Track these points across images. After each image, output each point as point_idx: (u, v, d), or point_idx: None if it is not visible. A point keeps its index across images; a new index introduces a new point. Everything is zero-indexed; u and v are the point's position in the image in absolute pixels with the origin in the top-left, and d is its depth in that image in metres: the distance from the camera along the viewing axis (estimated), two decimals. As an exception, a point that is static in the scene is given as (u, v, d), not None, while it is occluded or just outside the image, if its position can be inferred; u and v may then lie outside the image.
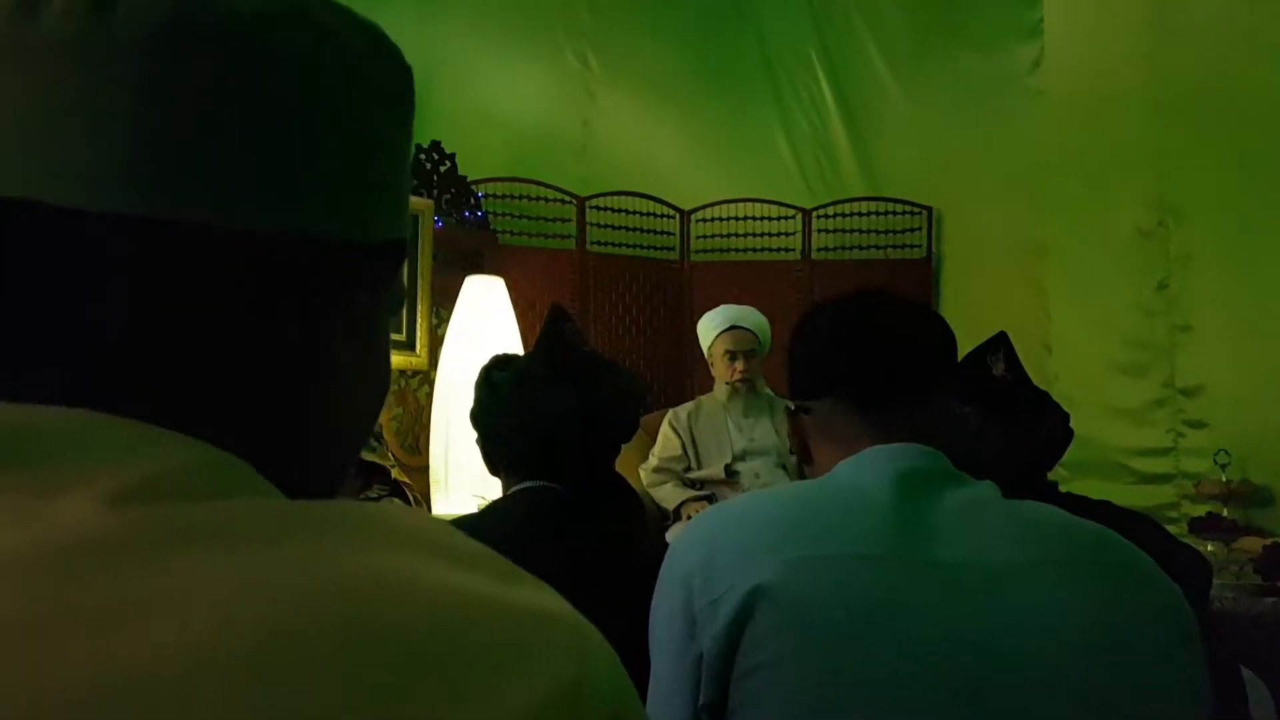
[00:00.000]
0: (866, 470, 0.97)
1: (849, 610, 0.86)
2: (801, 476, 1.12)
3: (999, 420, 1.54)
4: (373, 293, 0.46)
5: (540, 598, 0.36)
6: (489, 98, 4.18)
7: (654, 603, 0.97)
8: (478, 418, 1.49)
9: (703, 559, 0.93)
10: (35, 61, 0.38)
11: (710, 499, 3.22)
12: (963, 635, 0.86)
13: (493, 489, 1.57)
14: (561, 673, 0.33)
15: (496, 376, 1.48)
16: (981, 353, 1.61)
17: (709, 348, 3.36)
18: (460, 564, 0.35)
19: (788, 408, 1.11)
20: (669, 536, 2.93)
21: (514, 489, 1.45)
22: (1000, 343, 1.61)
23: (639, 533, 1.47)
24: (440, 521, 0.38)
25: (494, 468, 1.50)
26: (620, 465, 1.56)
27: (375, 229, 0.46)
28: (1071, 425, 1.64)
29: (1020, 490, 1.02)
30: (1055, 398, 1.68)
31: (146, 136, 0.38)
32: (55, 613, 0.29)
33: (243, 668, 0.28)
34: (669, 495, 3.23)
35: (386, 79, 0.46)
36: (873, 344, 1.03)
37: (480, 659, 0.32)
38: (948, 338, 1.05)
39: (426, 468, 3.32)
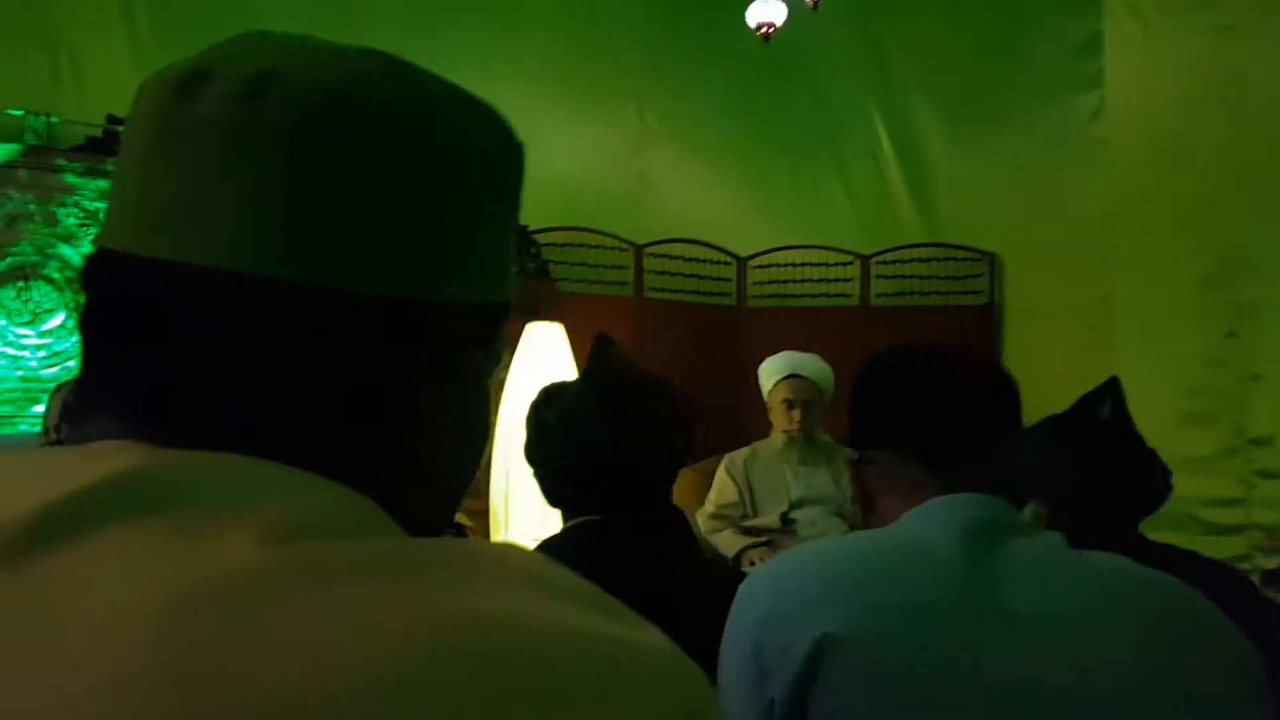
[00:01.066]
0: (933, 521, 0.97)
1: (919, 660, 0.87)
2: (865, 525, 1.12)
3: (1100, 467, 1.52)
4: (482, 351, 0.51)
5: (647, 635, 0.37)
6: (548, 152, 4.26)
7: (722, 653, 0.98)
8: (530, 455, 1.50)
9: (770, 608, 0.93)
10: (192, 141, 0.43)
11: (769, 544, 3.19)
12: (1032, 686, 0.86)
13: (553, 530, 1.58)
14: (675, 711, 0.35)
15: (544, 415, 1.48)
16: (1091, 398, 1.60)
17: (768, 394, 3.33)
18: (574, 601, 0.37)
19: (851, 458, 1.12)
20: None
21: (567, 524, 1.46)
22: (1110, 388, 1.60)
23: (688, 566, 1.46)
24: (549, 560, 0.40)
25: (551, 501, 1.51)
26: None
27: (488, 293, 0.50)
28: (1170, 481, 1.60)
29: (1111, 539, 1.01)
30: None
31: (288, 209, 0.43)
32: (214, 645, 0.31)
33: (384, 698, 0.31)
34: (727, 542, 3.21)
35: (501, 157, 0.51)
36: (939, 397, 1.04)
37: (601, 695, 0.33)
38: (1013, 390, 1.06)
39: (487, 510, 3.35)
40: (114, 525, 0.35)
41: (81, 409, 0.45)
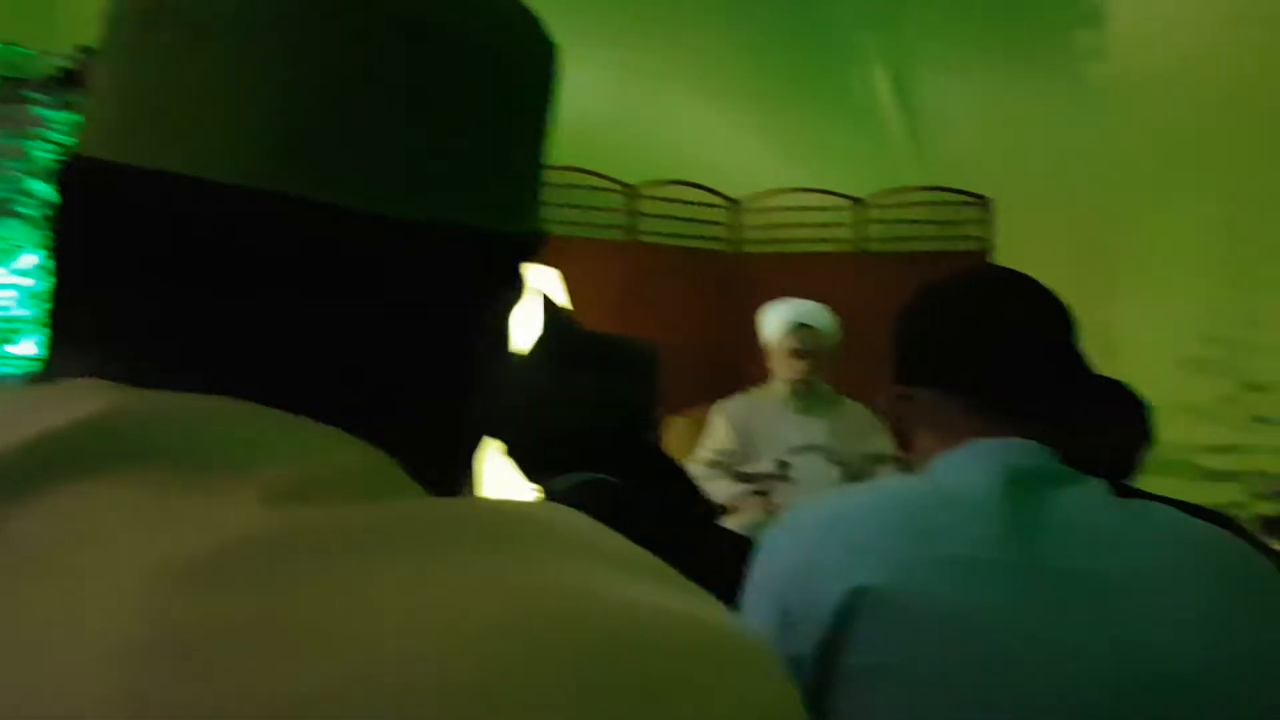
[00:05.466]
0: (971, 467, 0.92)
1: (960, 617, 0.82)
2: (869, 474, 1.08)
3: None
4: (510, 287, 0.44)
5: (718, 612, 0.33)
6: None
7: (745, 602, 0.93)
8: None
9: (799, 558, 0.89)
10: (176, 33, 0.37)
11: (764, 494, 3.17)
12: (1085, 647, 0.81)
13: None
14: (763, 695, 0.31)
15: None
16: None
17: (774, 342, 3.28)
18: (637, 575, 0.32)
19: (892, 392, 1.06)
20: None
21: (567, 485, 1.41)
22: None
23: (700, 515, 1.45)
24: (601, 526, 0.35)
25: (533, 475, 1.46)
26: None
27: (521, 219, 0.43)
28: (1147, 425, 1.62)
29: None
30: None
31: (292, 112, 0.36)
32: (210, 631, 0.26)
33: (433, 694, 0.26)
34: (719, 489, 3.19)
35: (537, 58, 0.44)
36: (984, 332, 0.98)
37: (684, 681, 0.29)
38: (1067, 326, 0.99)
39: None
40: (81, 481, 0.30)
41: (50, 343, 0.38)
